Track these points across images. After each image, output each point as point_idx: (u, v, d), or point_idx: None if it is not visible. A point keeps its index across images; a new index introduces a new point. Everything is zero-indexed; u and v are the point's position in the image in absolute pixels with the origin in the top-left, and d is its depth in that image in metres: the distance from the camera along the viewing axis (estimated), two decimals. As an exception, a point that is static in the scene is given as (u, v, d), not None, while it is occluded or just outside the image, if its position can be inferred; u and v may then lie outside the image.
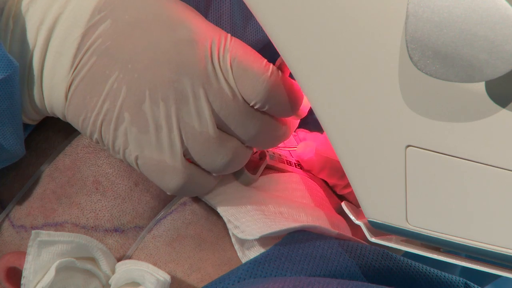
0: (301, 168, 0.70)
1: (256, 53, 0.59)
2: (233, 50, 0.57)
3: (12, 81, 0.56)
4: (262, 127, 0.59)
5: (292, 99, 0.59)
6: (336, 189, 0.70)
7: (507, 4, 0.47)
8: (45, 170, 0.63)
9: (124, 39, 0.56)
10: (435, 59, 0.49)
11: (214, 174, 0.61)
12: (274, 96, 0.58)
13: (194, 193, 0.61)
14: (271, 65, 0.58)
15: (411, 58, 0.49)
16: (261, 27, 0.56)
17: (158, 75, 0.56)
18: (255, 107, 0.59)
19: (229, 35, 0.58)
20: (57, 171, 0.63)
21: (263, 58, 0.59)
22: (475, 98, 0.50)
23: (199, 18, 0.59)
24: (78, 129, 0.59)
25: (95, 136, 0.58)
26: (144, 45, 0.56)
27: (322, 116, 0.55)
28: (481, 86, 0.50)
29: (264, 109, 0.59)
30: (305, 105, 0.61)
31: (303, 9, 0.53)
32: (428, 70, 0.49)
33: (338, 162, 0.56)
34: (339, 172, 0.58)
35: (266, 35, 0.55)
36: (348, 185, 0.69)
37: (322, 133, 0.72)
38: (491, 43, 0.47)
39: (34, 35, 0.57)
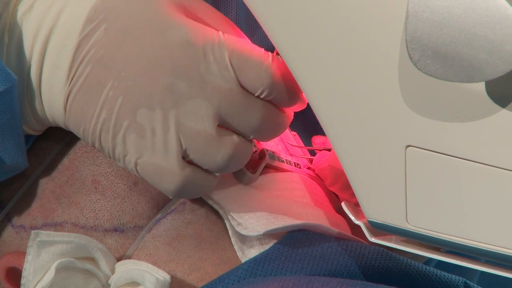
0: (300, 167, 0.70)
1: (252, 44, 0.59)
2: (230, 45, 0.57)
3: (11, 94, 0.56)
4: (265, 116, 0.59)
5: (293, 86, 0.59)
6: None
7: (507, 4, 0.47)
8: (44, 170, 0.63)
9: (117, 48, 0.56)
10: (435, 59, 0.49)
11: (216, 174, 0.61)
12: (279, 82, 0.58)
13: (195, 194, 0.61)
14: (270, 53, 0.59)
15: (411, 58, 0.49)
16: (267, 37, 0.56)
17: (152, 80, 0.56)
18: (262, 96, 0.59)
19: (220, 32, 0.58)
20: (56, 171, 0.63)
21: (261, 48, 0.59)
22: (475, 98, 0.50)
23: (200, 16, 0.59)
24: (81, 139, 0.59)
25: (96, 145, 0.58)
26: (136, 51, 0.56)
27: (322, 116, 0.55)
28: (481, 86, 0.50)
29: (270, 97, 0.59)
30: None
31: (302, 9, 0.53)
32: (428, 70, 0.49)
33: None
34: (352, 189, 0.58)
35: (272, 44, 0.55)
36: (358, 203, 0.69)
37: None
38: (491, 43, 0.47)
39: (30, 48, 0.57)
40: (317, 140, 0.74)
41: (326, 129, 0.55)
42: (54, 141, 0.64)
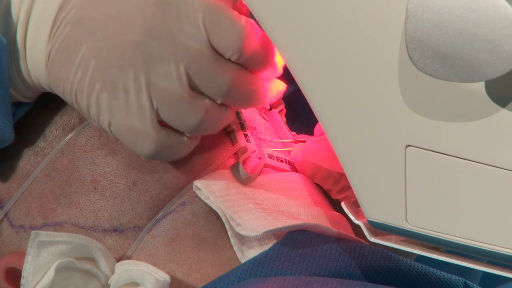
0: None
1: (227, 5, 0.59)
2: (204, 6, 0.57)
3: (0, 57, 0.57)
4: (235, 80, 0.59)
5: (264, 50, 0.59)
6: (330, 193, 0.70)
7: (507, 4, 0.47)
8: (43, 170, 0.63)
9: (94, 8, 0.57)
10: (434, 59, 0.49)
11: (188, 135, 0.60)
12: (250, 45, 0.58)
13: (170, 157, 0.61)
14: (244, 16, 0.58)
15: (410, 58, 0.49)
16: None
17: (124, 40, 0.57)
18: (232, 59, 0.58)
19: None
20: (55, 171, 0.63)
21: (235, 10, 0.59)
22: (475, 98, 0.50)
23: None
24: (62, 98, 0.60)
25: (74, 105, 0.59)
26: (112, 12, 0.57)
27: (322, 116, 0.55)
28: (480, 86, 0.50)
29: (241, 60, 0.58)
30: (280, 61, 0.61)
31: (302, 9, 0.53)
32: (428, 70, 0.49)
33: (329, 169, 0.55)
34: (332, 178, 0.58)
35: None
36: (342, 190, 0.69)
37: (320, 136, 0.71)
38: (491, 43, 0.48)
39: (17, 11, 0.59)
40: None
41: (326, 129, 0.55)
42: (53, 141, 0.64)
